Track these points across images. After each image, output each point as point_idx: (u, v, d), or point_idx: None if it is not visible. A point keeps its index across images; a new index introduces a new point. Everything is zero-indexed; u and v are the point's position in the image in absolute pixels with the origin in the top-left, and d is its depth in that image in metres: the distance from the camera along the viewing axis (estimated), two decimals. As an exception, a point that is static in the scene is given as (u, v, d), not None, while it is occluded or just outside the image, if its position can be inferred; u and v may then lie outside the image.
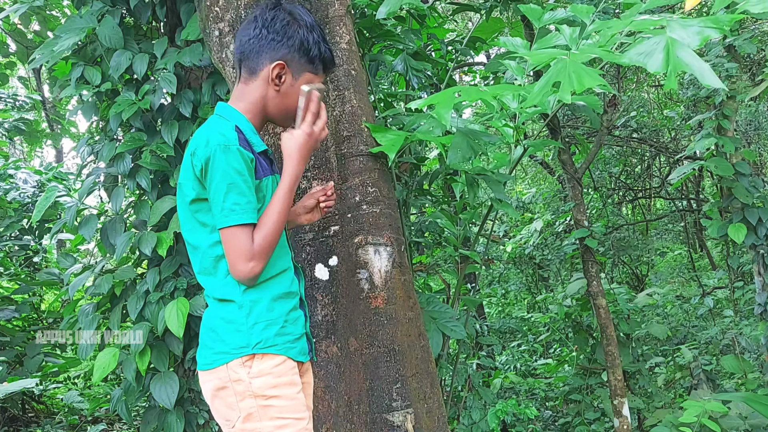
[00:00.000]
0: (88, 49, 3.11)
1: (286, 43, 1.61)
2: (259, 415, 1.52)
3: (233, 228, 1.48)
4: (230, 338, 1.53)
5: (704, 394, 3.88)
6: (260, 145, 1.63)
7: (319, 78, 1.70)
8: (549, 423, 5.22)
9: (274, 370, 1.53)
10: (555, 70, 1.43)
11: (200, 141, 1.51)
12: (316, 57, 1.65)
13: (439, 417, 2.11)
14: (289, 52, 1.62)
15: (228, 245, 1.50)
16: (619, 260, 7.02)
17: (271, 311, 1.56)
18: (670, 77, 1.28)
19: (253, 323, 1.54)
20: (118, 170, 3.00)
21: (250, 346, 1.52)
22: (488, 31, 4.01)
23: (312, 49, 1.63)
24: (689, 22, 1.35)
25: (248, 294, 1.55)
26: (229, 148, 1.48)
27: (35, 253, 5.17)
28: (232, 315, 1.55)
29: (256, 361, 1.52)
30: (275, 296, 1.58)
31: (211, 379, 1.56)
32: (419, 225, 3.40)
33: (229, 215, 1.48)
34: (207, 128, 1.54)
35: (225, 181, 1.47)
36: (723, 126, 4.23)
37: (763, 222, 4.14)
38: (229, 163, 1.47)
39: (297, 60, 1.63)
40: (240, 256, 1.48)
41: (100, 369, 2.83)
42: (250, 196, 1.50)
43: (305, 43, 1.62)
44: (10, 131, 5.78)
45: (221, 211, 1.48)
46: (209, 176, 1.49)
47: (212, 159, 1.47)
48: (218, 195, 1.48)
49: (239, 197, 1.48)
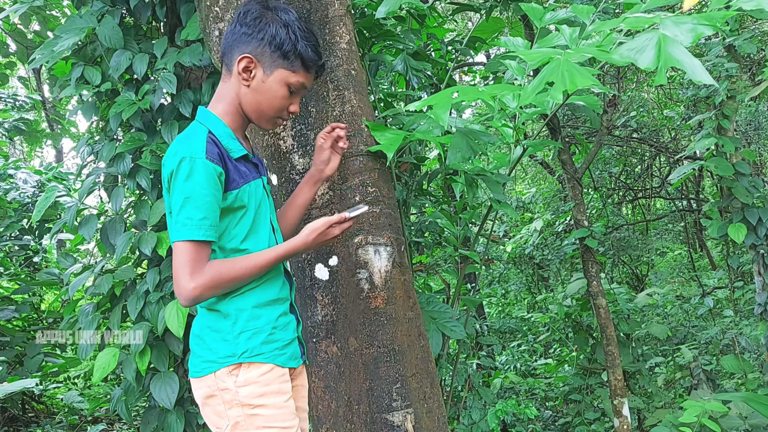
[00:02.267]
0: (88, 49, 3.11)
1: (256, 36, 1.56)
2: (246, 424, 1.51)
3: (181, 243, 1.44)
4: (217, 347, 1.53)
5: (704, 394, 3.87)
6: (238, 151, 1.58)
7: (302, 77, 1.62)
8: (549, 423, 5.22)
9: (260, 379, 1.52)
10: (548, 69, 1.42)
11: (170, 152, 1.49)
12: (290, 52, 1.57)
13: (439, 417, 2.11)
14: (259, 45, 1.56)
15: (174, 260, 1.45)
16: (619, 260, 7.03)
17: (257, 319, 1.55)
18: (660, 73, 1.28)
19: (239, 332, 1.53)
20: (118, 170, 2.99)
21: (236, 356, 1.51)
22: (488, 31, 4.01)
23: (284, 44, 1.56)
24: (683, 20, 1.35)
25: (234, 302, 1.54)
26: (194, 160, 1.44)
27: (35, 253, 5.17)
28: (218, 324, 1.54)
29: (242, 370, 1.52)
30: (262, 303, 1.57)
31: (200, 386, 1.56)
32: (419, 225, 3.40)
33: (180, 230, 1.44)
34: (179, 138, 1.52)
35: (182, 195, 1.43)
36: (723, 126, 4.23)
37: (763, 222, 4.14)
38: (191, 175, 1.43)
39: (269, 55, 1.56)
40: (183, 273, 1.43)
41: (100, 369, 2.83)
42: (207, 212, 1.45)
43: (277, 37, 1.55)
44: (10, 131, 5.78)
45: (174, 224, 1.45)
46: (172, 187, 1.47)
47: (176, 171, 1.45)
48: (175, 207, 1.45)
49: (194, 212, 1.43)
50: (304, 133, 2.17)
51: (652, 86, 6.90)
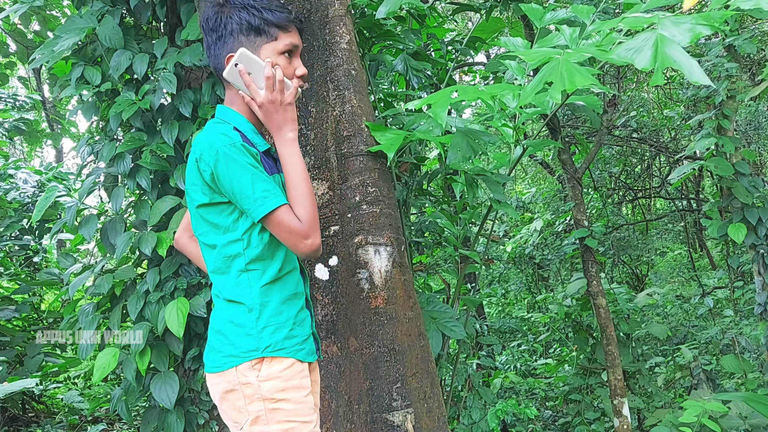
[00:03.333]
0: (88, 49, 3.11)
1: (225, 34, 1.57)
2: (267, 419, 1.52)
3: (275, 212, 1.47)
4: (240, 342, 1.53)
5: (704, 393, 3.87)
6: (263, 145, 1.62)
7: (286, 38, 1.59)
8: (549, 423, 5.22)
9: (282, 374, 1.53)
10: (548, 69, 1.43)
11: (204, 146, 1.50)
12: (262, 26, 1.56)
13: (439, 417, 2.11)
14: (234, 40, 1.57)
15: (278, 230, 1.49)
16: (619, 260, 7.02)
17: (279, 314, 1.56)
18: (657, 73, 1.28)
19: (263, 327, 1.54)
20: (118, 170, 2.99)
21: (260, 350, 1.52)
22: (488, 30, 4.01)
23: (252, 23, 1.56)
24: (681, 20, 1.35)
25: (258, 297, 1.55)
26: (235, 145, 1.47)
27: (35, 253, 5.17)
28: (241, 318, 1.55)
29: (265, 365, 1.52)
30: (284, 298, 1.58)
31: (219, 381, 1.56)
32: (419, 225, 3.40)
33: (264, 202, 1.46)
34: (208, 132, 1.52)
35: (246, 174, 1.46)
36: (723, 126, 4.23)
37: (763, 222, 4.14)
38: (241, 158, 1.46)
39: (246, 41, 1.56)
40: (294, 236, 1.48)
41: (100, 369, 2.83)
42: (272, 182, 1.49)
43: (242, 22, 1.56)
44: (10, 131, 5.78)
45: (254, 202, 1.46)
46: (224, 177, 1.47)
47: (222, 160, 1.46)
48: (245, 189, 1.46)
49: (266, 184, 1.47)
50: (305, 133, 2.18)
51: (652, 86, 6.90)
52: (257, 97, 1.55)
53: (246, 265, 1.54)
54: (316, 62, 2.22)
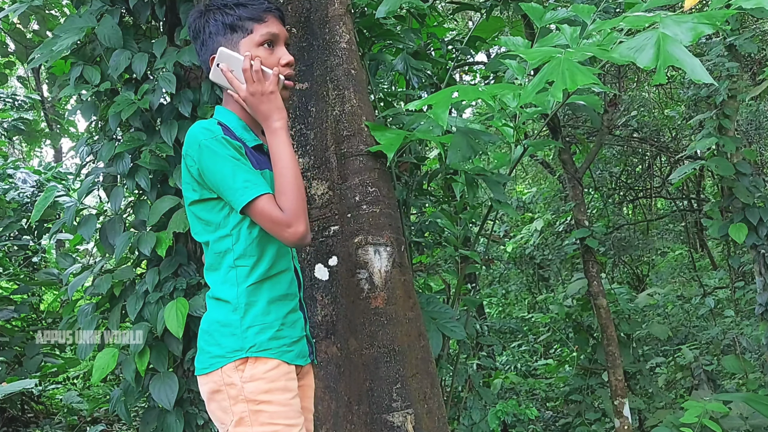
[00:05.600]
0: (88, 49, 3.10)
1: (207, 39, 1.60)
2: (250, 420, 1.50)
3: (255, 202, 1.46)
4: (225, 342, 1.53)
5: (705, 394, 3.87)
6: (252, 141, 1.62)
7: (263, 29, 1.59)
8: (549, 423, 5.21)
9: (266, 375, 1.52)
10: (549, 68, 1.42)
11: (189, 141, 1.52)
12: (236, 22, 1.58)
13: (439, 417, 2.10)
14: (213, 41, 1.60)
15: (261, 220, 1.48)
16: (620, 260, 7.02)
17: (266, 315, 1.55)
18: (659, 72, 1.28)
19: (247, 326, 1.53)
20: (117, 170, 2.99)
21: (244, 350, 1.51)
22: (488, 30, 4.00)
23: (227, 21, 1.58)
24: (683, 19, 1.34)
25: (244, 296, 1.54)
26: (216, 138, 1.48)
27: (34, 253, 5.16)
28: (227, 317, 1.54)
29: (249, 365, 1.51)
30: (273, 298, 1.57)
31: (207, 382, 1.55)
32: (419, 225, 3.39)
33: (245, 192, 1.46)
34: (193, 128, 1.55)
35: (227, 166, 1.46)
36: (724, 125, 4.22)
37: (764, 222, 4.13)
38: (222, 150, 1.47)
39: (225, 41, 1.58)
40: (277, 225, 1.47)
41: (100, 369, 2.83)
42: (256, 173, 1.49)
43: (219, 24, 1.58)
44: (9, 131, 5.78)
45: (235, 192, 1.46)
46: (208, 170, 1.48)
47: (206, 153, 1.47)
48: (226, 180, 1.47)
49: (247, 174, 1.47)
50: (304, 132, 2.17)
51: (652, 86, 6.89)
52: (240, 92, 1.56)
53: (234, 261, 1.54)
54: (315, 62, 2.21)
